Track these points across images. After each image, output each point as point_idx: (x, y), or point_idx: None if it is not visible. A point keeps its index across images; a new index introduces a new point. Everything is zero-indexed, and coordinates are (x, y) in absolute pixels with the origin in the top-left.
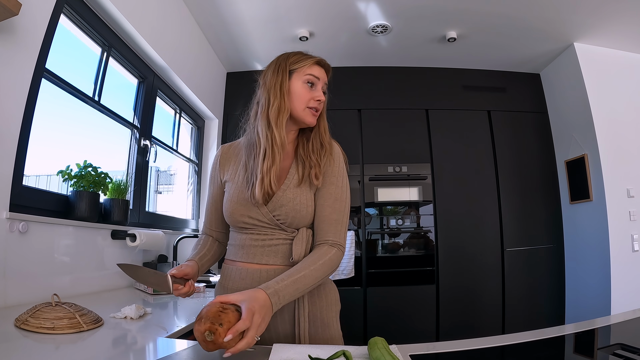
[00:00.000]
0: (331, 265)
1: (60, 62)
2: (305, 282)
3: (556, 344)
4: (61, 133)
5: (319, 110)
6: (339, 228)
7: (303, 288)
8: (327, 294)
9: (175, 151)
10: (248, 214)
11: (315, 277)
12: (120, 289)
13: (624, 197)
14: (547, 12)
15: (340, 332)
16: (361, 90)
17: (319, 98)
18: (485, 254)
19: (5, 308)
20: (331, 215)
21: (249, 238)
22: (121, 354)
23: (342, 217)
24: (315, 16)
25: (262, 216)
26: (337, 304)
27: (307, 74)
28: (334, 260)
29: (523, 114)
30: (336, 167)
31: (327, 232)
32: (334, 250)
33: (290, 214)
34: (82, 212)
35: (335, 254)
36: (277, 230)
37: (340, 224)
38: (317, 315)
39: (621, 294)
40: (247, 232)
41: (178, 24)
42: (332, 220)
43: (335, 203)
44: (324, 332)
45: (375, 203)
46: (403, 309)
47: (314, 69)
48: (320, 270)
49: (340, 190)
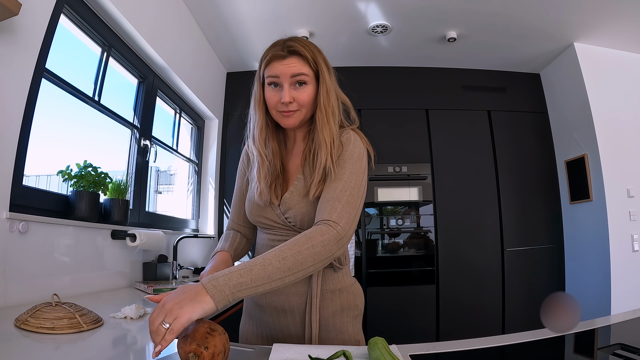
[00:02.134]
0: (312, 244)
1: (60, 62)
2: (266, 261)
3: (556, 344)
4: (61, 133)
5: (291, 111)
6: (336, 205)
7: (261, 270)
8: (343, 297)
9: (175, 151)
10: (264, 214)
11: (282, 257)
12: (120, 289)
13: (624, 197)
14: (547, 12)
15: (359, 337)
16: (361, 90)
17: (282, 100)
18: (485, 254)
19: (5, 308)
20: (328, 195)
21: (268, 238)
22: (121, 354)
23: (343, 197)
24: (315, 16)
25: (276, 217)
26: (355, 308)
27: (267, 77)
28: (315, 238)
29: (523, 114)
30: (346, 152)
31: (319, 213)
32: (320, 227)
33: (299, 217)
34: (82, 212)
35: (318, 230)
36: (292, 232)
37: (338, 201)
38: (328, 320)
39: (621, 294)
40: (267, 232)
41: (178, 24)
42: (328, 200)
43: (335, 183)
44: (336, 338)
45: (375, 203)
46: (403, 309)
47: (271, 68)
48: (292, 249)
49: (344, 172)
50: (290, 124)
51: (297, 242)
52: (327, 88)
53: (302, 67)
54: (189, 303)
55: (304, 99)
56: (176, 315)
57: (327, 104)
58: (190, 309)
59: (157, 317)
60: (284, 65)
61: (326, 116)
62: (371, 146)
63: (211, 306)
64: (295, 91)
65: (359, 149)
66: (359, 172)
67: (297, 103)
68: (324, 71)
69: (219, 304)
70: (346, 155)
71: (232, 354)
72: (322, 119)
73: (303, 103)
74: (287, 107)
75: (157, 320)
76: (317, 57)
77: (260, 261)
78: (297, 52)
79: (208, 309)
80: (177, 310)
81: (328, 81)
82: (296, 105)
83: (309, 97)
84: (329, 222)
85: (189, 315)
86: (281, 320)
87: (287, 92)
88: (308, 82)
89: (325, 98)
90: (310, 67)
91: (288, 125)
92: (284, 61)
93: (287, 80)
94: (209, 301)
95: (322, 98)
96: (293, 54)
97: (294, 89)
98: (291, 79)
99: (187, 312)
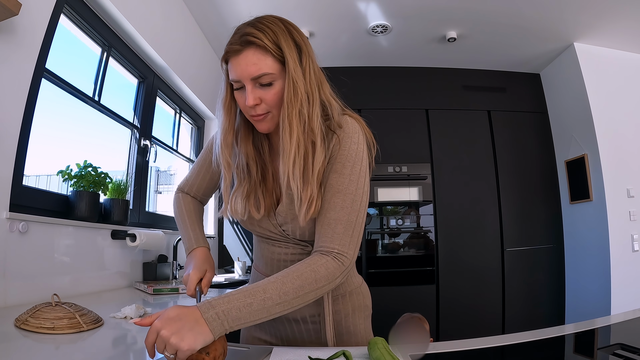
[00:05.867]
0: (316, 278)
1: (60, 62)
2: (267, 294)
3: (556, 344)
4: (61, 133)
5: (260, 115)
6: (338, 229)
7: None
8: (354, 299)
9: (175, 151)
10: (259, 224)
11: (283, 292)
12: (120, 289)
13: (624, 197)
14: (547, 12)
15: (369, 337)
16: (361, 90)
17: (246, 104)
18: (485, 254)
19: (5, 308)
20: (327, 214)
21: (267, 249)
22: (121, 354)
23: (344, 215)
24: (316, 16)
25: (273, 228)
26: (367, 309)
27: (230, 81)
28: (319, 271)
29: (523, 114)
30: (344, 152)
31: (321, 236)
32: (325, 258)
33: (297, 232)
34: (82, 212)
35: (323, 263)
36: (291, 244)
37: (339, 223)
38: (341, 323)
39: (621, 294)
40: (265, 241)
41: (178, 24)
42: (329, 221)
43: (334, 197)
44: (349, 340)
45: (375, 203)
46: (403, 309)
47: (230, 69)
48: (294, 282)
49: (343, 179)
50: (265, 128)
51: (300, 275)
52: (294, 81)
53: (262, 65)
54: (189, 333)
55: (272, 100)
56: (176, 347)
57: (293, 101)
58: (191, 341)
59: (156, 345)
60: (241, 64)
61: (288, 118)
62: (372, 136)
63: (211, 338)
64: (261, 90)
65: (356, 144)
66: (359, 176)
67: (266, 104)
68: (289, 59)
69: (217, 336)
70: (343, 156)
71: (229, 354)
72: (284, 122)
73: (272, 104)
74: (255, 110)
75: (157, 347)
76: (280, 41)
77: (261, 295)
78: (253, 43)
79: (208, 341)
80: (176, 341)
81: (294, 72)
82: (265, 107)
83: (277, 97)
84: (333, 252)
85: (191, 347)
86: (294, 329)
87: (250, 94)
88: (274, 79)
89: (291, 94)
90: (273, 57)
91: (263, 130)
92: (240, 57)
93: (249, 82)
94: (208, 333)
95: (285, 94)
96: (249, 45)
97: (260, 89)
98: (253, 81)
99: (189, 344)
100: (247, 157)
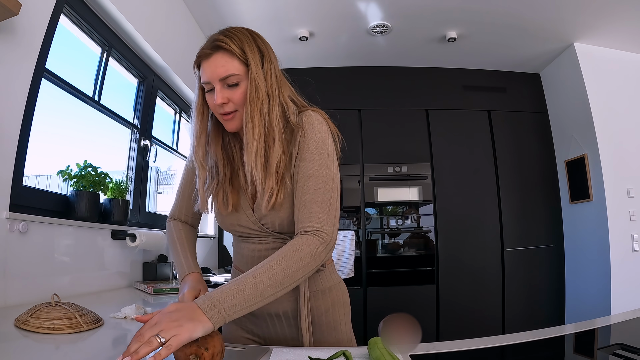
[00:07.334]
0: (300, 256)
1: (60, 62)
2: (257, 279)
3: (556, 344)
4: (61, 133)
5: (229, 113)
6: (314, 209)
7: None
8: (333, 295)
9: (175, 151)
10: (237, 222)
11: (272, 274)
12: (120, 289)
13: (624, 197)
14: (547, 12)
15: (350, 335)
16: (361, 90)
17: (215, 102)
18: (485, 254)
19: (5, 308)
20: (302, 197)
21: (247, 248)
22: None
23: (318, 196)
24: (315, 16)
25: (252, 224)
26: (346, 305)
27: (202, 84)
28: (302, 249)
29: (523, 114)
30: (310, 140)
31: (299, 219)
32: (305, 237)
33: (277, 222)
34: (82, 212)
35: (305, 241)
36: (271, 239)
37: (315, 204)
38: (321, 318)
39: (621, 294)
40: (246, 241)
41: (178, 24)
42: (304, 203)
43: (307, 181)
44: (330, 336)
45: (375, 203)
46: (403, 309)
47: (201, 73)
48: (280, 263)
49: (313, 165)
50: (233, 127)
51: (285, 256)
52: (256, 82)
53: (229, 67)
54: (188, 322)
55: (238, 99)
56: (175, 333)
57: (255, 100)
58: (191, 328)
59: (148, 332)
60: (211, 66)
61: (251, 115)
62: (336, 127)
63: (210, 326)
64: (229, 90)
65: (321, 133)
66: (327, 160)
67: (233, 103)
68: (252, 62)
69: (216, 325)
70: (310, 144)
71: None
72: (247, 118)
73: (238, 103)
74: (223, 108)
75: (149, 334)
76: (244, 46)
77: (251, 280)
78: (221, 47)
79: (208, 329)
80: (175, 328)
81: (256, 74)
82: (232, 106)
83: (242, 96)
84: (312, 230)
85: (190, 334)
86: (276, 325)
87: (219, 93)
88: (240, 80)
89: (253, 93)
90: (239, 60)
91: (231, 129)
92: (210, 60)
93: (218, 83)
94: (207, 321)
95: (248, 93)
96: (218, 50)
97: (227, 89)
98: (221, 82)
99: (188, 331)
100: (216, 158)
